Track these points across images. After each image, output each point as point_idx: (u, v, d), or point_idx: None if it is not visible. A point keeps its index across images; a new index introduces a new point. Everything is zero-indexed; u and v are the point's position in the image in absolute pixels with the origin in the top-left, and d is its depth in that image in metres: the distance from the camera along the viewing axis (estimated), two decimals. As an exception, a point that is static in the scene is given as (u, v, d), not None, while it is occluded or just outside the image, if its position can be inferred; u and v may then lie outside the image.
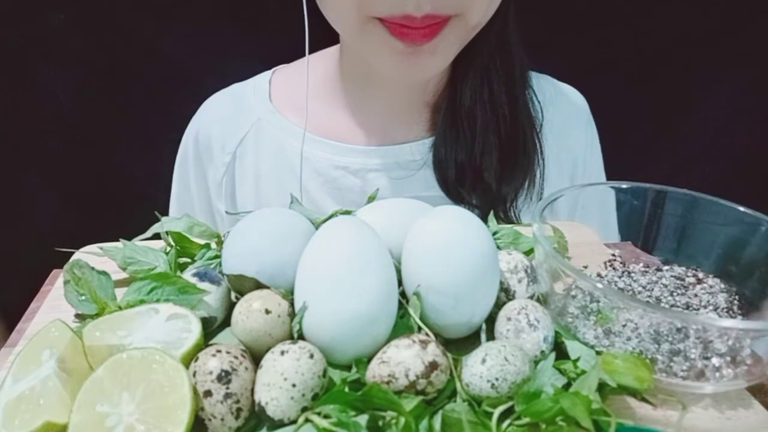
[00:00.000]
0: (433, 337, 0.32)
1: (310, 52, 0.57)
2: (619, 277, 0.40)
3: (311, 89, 0.60)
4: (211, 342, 0.33)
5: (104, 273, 0.36)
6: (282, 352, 0.29)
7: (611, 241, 0.48)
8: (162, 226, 0.39)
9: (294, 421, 0.28)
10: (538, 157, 0.60)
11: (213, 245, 0.41)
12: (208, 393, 0.27)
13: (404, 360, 0.29)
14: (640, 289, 0.38)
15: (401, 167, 0.59)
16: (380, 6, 0.46)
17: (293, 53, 0.65)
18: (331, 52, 0.62)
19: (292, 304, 0.33)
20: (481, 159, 0.57)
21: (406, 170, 0.59)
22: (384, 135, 0.60)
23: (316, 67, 0.61)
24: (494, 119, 0.57)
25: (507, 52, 0.57)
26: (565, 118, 0.65)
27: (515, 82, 0.58)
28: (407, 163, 0.59)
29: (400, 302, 0.33)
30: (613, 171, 0.69)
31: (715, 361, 0.32)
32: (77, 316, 0.36)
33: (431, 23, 0.46)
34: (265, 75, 0.65)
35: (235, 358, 0.28)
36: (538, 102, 0.61)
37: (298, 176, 0.59)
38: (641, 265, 0.41)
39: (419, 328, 0.33)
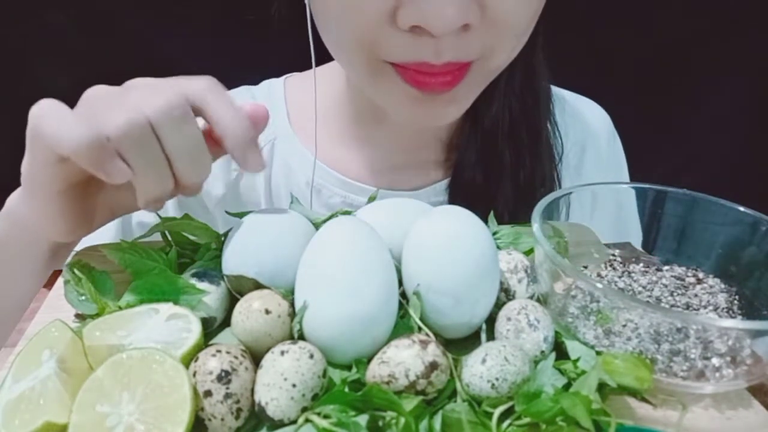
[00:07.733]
0: (433, 337, 0.32)
1: (317, 63, 0.51)
2: (619, 277, 0.40)
3: (322, 114, 0.55)
4: (211, 342, 0.33)
5: (104, 273, 0.36)
6: (282, 352, 0.29)
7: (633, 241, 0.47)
8: (162, 226, 0.39)
9: (294, 422, 0.28)
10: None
11: (213, 245, 0.41)
12: (208, 393, 0.27)
13: (404, 360, 0.29)
14: (640, 289, 0.38)
15: None
16: (392, 51, 0.40)
17: (298, 55, 0.64)
18: (340, 69, 0.57)
19: (292, 304, 0.33)
20: (496, 190, 0.55)
21: None
22: (396, 175, 0.57)
23: (324, 89, 0.56)
24: (515, 157, 0.55)
25: (533, 88, 0.54)
26: (582, 146, 0.62)
27: (539, 118, 0.56)
28: None
29: (400, 302, 0.33)
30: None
31: (715, 361, 0.32)
32: (77, 316, 0.36)
33: (452, 69, 0.41)
34: (278, 84, 0.61)
35: (235, 358, 0.28)
36: (559, 134, 0.58)
37: (307, 204, 0.56)
38: (641, 265, 0.41)
39: (419, 328, 0.33)
